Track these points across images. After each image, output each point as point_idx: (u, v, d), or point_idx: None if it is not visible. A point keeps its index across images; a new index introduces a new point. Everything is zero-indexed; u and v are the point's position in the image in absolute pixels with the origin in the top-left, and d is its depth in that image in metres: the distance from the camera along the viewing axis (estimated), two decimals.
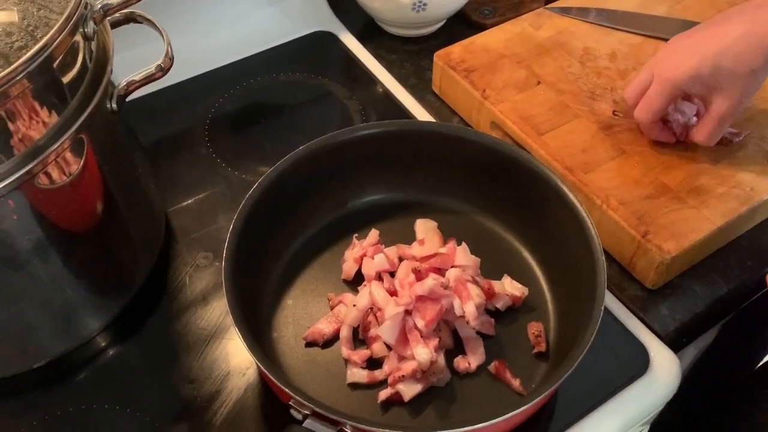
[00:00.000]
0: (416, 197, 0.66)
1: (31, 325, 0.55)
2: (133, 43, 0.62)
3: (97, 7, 0.48)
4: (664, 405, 0.63)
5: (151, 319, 0.60)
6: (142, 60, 0.56)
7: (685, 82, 0.60)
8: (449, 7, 0.83)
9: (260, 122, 0.76)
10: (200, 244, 0.65)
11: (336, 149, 0.62)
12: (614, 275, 0.64)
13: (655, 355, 0.58)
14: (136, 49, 0.62)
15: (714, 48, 0.59)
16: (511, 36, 0.79)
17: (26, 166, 0.46)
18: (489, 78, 0.74)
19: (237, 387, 0.56)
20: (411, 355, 0.54)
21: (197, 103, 0.77)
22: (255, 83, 0.80)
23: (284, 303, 0.60)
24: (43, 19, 0.43)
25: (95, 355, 0.59)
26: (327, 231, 0.65)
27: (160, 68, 0.55)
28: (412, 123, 0.72)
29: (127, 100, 0.54)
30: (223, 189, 0.69)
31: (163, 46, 0.56)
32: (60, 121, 0.47)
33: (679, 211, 0.63)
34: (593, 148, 0.68)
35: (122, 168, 0.56)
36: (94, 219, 0.55)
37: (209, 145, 0.73)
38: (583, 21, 0.81)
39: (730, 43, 0.58)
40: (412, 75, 0.82)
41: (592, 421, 0.54)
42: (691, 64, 0.59)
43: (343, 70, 0.82)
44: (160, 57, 0.55)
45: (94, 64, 0.50)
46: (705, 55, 0.59)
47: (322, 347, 0.58)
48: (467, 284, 0.56)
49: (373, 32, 0.87)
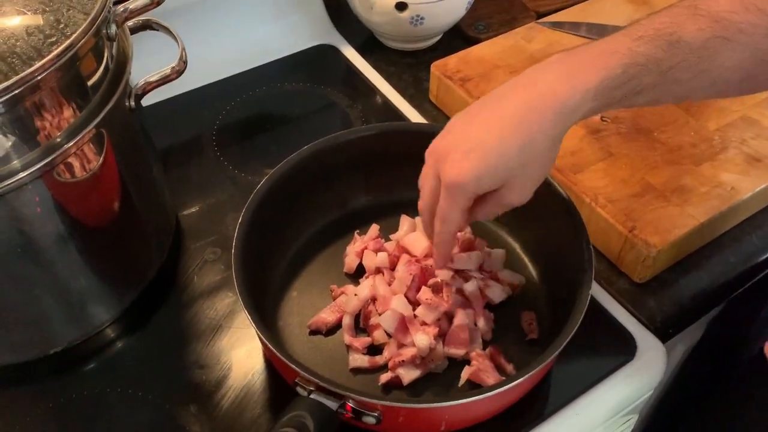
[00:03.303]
0: (415, 196, 0.69)
1: (47, 312, 0.58)
2: (149, 52, 0.65)
3: (119, 11, 0.52)
4: (656, 403, 0.66)
5: (162, 310, 0.63)
6: (157, 67, 0.60)
7: (474, 184, 0.49)
8: (445, 21, 0.87)
9: (266, 128, 0.80)
10: (209, 240, 0.68)
11: (339, 149, 0.66)
12: (603, 270, 0.67)
13: (642, 342, 0.61)
14: (151, 57, 0.66)
15: (496, 132, 0.49)
16: (504, 48, 0.83)
17: (49, 156, 0.49)
18: (484, 87, 0.78)
19: (244, 372, 0.59)
20: (411, 342, 0.57)
21: (206, 111, 0.81)
22: (261, 92, 0.84)
23: (289, 295, 0.63)
24: (72, 19, 0.46)
25: (108, 342, 0.61)
26: (329, 228, 0.68)
27: (174, 70, 0.58)
28: (412, 125, 0.76)
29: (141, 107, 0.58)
30: (230, 190, 0.73)
31: (177, 52, 0.60)
32: (82, 115, 0.51)
33: (664, 208, 0.66)
34: (582, 151, 0.71)
35: (137, 164, 0.60)
36: (110, 212, 0.58)
37: (217, 149, 0.77)
38: (574, 35, 0.85)
39: (513, 120, 0.49)
40: (410, 86, 0.86)
41: (585, 402, 0.57)
42: (474, 163, 0.49)
43: (344, 81, 0.86)
44: (174, 61, 0.59)
45: (114, 65, 0.53)
46: (487, 144, 0.49)
47: (326, 335, 0.60)
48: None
49: (373, 46, 0.92)
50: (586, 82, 0.48)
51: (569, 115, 0.49)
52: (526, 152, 0.49)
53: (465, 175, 0.49)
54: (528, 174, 0.51)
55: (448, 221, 0.53)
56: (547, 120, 0.48)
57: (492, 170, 0.49)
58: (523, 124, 0.49)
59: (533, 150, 0.49)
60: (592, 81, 0.48)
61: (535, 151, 0.49)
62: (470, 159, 0.49)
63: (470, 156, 0.49)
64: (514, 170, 0.49)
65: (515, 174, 0.50)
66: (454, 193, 0.50)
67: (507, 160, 0.49)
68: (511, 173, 0.50)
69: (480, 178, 0.49)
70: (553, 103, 0.48)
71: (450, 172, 0.50)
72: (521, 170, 0.50)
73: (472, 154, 0.49)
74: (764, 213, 0.72)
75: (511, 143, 0.48)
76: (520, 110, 0.49)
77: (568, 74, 0.49)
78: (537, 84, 0.50)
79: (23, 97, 0.45)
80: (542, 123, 0.48)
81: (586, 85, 0.48)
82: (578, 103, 0.48)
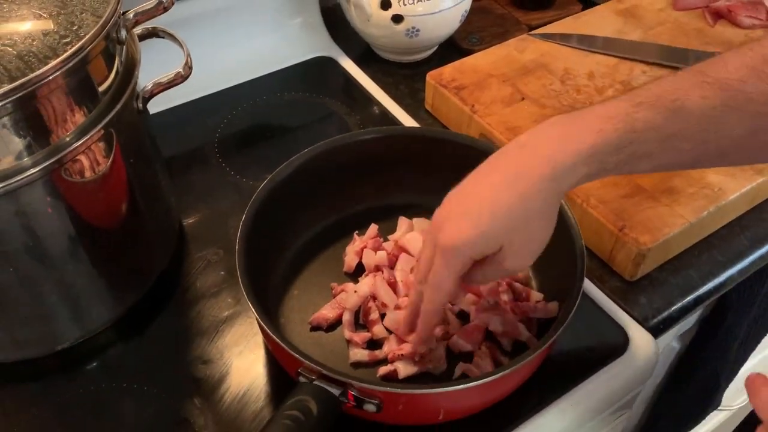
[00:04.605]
0: (413, 199, 0.71)
1: (53, 309, 0.59)
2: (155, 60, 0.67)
3: (129, 16, 0.55)
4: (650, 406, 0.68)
5: (166, 309, 0.65)
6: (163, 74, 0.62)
7: (467, 247, 0.49)
8: (440, 34, 0.90)
9: (267, 136, 0.82)
10: (211, 242, 0.70)
11: (338, 152, 0.68)
12: (595, 268, 0.69)
13: (634, 336, 0.63)
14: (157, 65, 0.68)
15: (488, 195, 0.49)
16: (497, 58, 0.86)
17: (60, 153, 0.51)
18: (478, 95, 0.81)
19: (246, 367, 0.60)
20: (412, 339, 0.59)
21: (208, 120, 0.83)
22: (261, 102, 0.86)
23: (290, 293, 0.65)
24: (85, 21, 0.49)
25: (113, 340, 0.63)
26: (329, 230, 0.70)
27: (180, 75, 0.61)
28: (409, 129, 0.78)
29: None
30: (232, 195, 0.75)
31: (181, 60, 0.62)
32: (92, 115, 0.53)
33: (654, 208, 0.68)
34: None
35: (144, 165, 0.62)
36: (117, 212, 0.60)
37: (219, 156, 0.79)
38: (564, 45, 0.88)
39: (504, 183, 0.49)
40: (406, 95, 0.89)
41: (581, 393, 0.59)
42: (467, 226, 0.49)
43: (342, 91, 0.89)
44: (179, 67, 0.61)
45: (123, 68, 0.56)
46: (480, 208, 0.49)
47: (326, 331, 0.62)
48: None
49: (370, 58, 0.94)
50: (579, 145, 0.47)
51: (561, 178, 0.48)
52: (517, 214, 0.48)
53: (458, 238, 0.49)
54: (524, 239, 0.50)
55: (440, 288, 0.51)
56: (537, 182, 0.48)
57: (485, 232, 0.49)
58: (514, 185, 0.48)
59: (526, 212, 0.49)
60: (585, 144, 0.47)
61: (529, 213, 0.49)
62: (464, 223, 0.49)
63: (464, 220, 0.49)
64: (508, 233, 0.49)
65: (511, 238, 0.49)
66: (448, 256, 0.50)
67: (499, 222, 0.48)
68: (507, 236, 0.49)
69: (473, 240, 0.49)
70: (544, 166, 0.48)
71: (444, 237, 0.50)
72: (516, 234, 0.49)
73: (465, 218, 0.49)
74: (751, 214, 0.74)
75: (502, 205, 0.48)
76: (511, 173, 0.49)
77: (560, 137, 0.48)
78: (528, 147, 0.50)
79: (37, 95, 0.46)
80: (533, 185, 0.48)
81: (578, 148, 0.47)
82: (569, 167, 0.47)
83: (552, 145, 0.48)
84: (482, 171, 0.52)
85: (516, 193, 0.48)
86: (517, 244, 0.50)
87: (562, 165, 0.47)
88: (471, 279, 0.52)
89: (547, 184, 0.48)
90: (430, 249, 0.52)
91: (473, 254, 0.50)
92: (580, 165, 0.48)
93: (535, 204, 0.49)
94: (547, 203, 0.49)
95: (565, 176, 0.48)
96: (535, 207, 0.49)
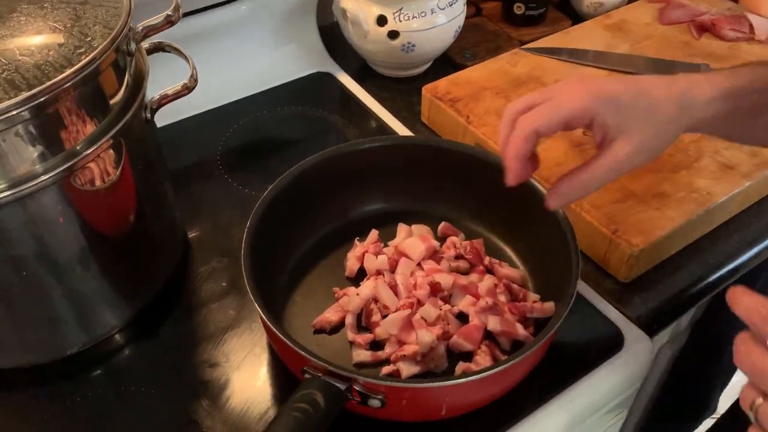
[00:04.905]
0: (412, 206, 0.73)
1: (62, 315, 0.60)
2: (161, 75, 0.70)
3: (138, 29, 0.57)
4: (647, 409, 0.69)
5: (173, 314, 0.66)
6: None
7: (601, 101, 0.53)
8: (435, 48, 0.93)
9: (268, 148, 0.84)
10: (215, 250, 0.72)
11: (338, 160, 0.70)
12: (590, 272, 0.71)
13: (629, 334, 0.65)
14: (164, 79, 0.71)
15: (637, 86, 0.54)
16: (490, 72, 0.89)
17: (71, 161, 0.52)
18: (472, 106, 0.83)
19: (252, 370, 0.62)
20: (413, 340, 0.61)
21: (210, 133, 0.85)
22: (262, 116, 0.88)
23: (293, 298, 0.67)
24: (99, 32, 0.51)
25: (121, 346, 0.64)
26: (330, 236, 0.71)
27: (186, 87, 0.63)
28: (408, 137, 0.81)
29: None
30: (235, 204, 0.76)
31: (186, 74, 0.64)
32: (103, 124, 0.54)
33: (645, 212, 0.71)
34: (566, 162, 0.76)
35: (151, 173, 0.64)
36: (125, 220, 0.62)
37: (222, 168, 0.81)
38: (555, 59, 0.91)
39: (640, 84, 0.54)
40: (403, 109, 0.91)
41: (579, 389, 0.61)
42: (613, 86, 0.54)
43: (341, 105, 0.91)
44: (186, 79, 0.64)
45: (132, 79, 0.58)
46: (628, 85, 0.54)
47: (329, 333, 0.64)
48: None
49: (367, 74, 0.97)
50: (719, 83, 0.54)
51: (697, 106, 0.54)
52: (644, 103, 0.53)
53: (602, 89, 0.53)
54: (642, 130, 0.53)
55: (538, 121, 0.53)
56: (673, 96, 0.54)
57: (622, 104, 0.53)
58: (648, 89, 0.54)
59: (653, 109, 0.53)
60: (725, 83, 0.54)
61: (655, 111, 0.53)
62: (610, 84, 0.54)
63: (611, 83, 0.54)
64: (632, 121, 0.53)
65: (631, 126, 0.53)
66: (576, 99, 0.53)
67: (636, 105, 0.53)
68: (627, 116, 0.53)
69: (611, 100, 0.53)
70: (684, 89, 0.54)
71: (580, 87, 0.54)
72: (634, 123, 0.53)
73: (612, 83, 0.54)
74: (740, 218, 0.77)
75: (644, 100, 0.53)
76: (651, 83, 0.54)
77: (705, 78, 0.55)
78: (676, 83, 0.55)
79: (53, 102, 0.48)
80: (668, 97, 0.53)
81: (719, 86, 0.54)
82: (708, 98, 0.54)
83: (696, 79, 0.55)
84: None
85: (647, 92, 0.54)
86: (634, 134, 0.53)
87: (700, 94, 0.54)
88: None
89: (681, 103, 0.54)
90: (542, 96, 0.55)
91: (593, 111, 0.53)
92: (717, 100, 0.54)
93: (663, 109, 0.54)
94: (673, 117, 0.54)
95: (700, 105, 0.54)
96: (662, 111, 0.54)
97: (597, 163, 0.54)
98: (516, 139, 0.55)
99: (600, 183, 0.55)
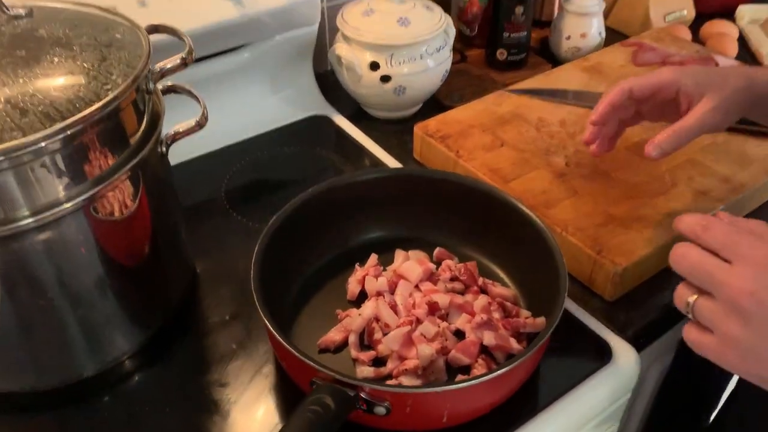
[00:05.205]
0: (408, 233, 0.78)
1: (78, 339, 0.63)
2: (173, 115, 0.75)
3: (156, 69, 0.62)
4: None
5: (183, 339, 0.69)
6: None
7: (685, 75, 0.68)
8: (425, 91, 0.99)
9: (270, 184, 0.89)
10: (222, 279, 0.75)
11: (338, 191, 0.74)
12: (578, 292, 0.75)
13: (616, 347, 0.68)
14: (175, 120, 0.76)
15: (713, 68, 0.72)
16: (477, 111, 0.95)
17: (93, 189, 0.56)
18: (461, 142, 0.89)
19: (261, 388, 0.65)
20: (414, 355, 0.64)
21: (216, 171, 0.90)
22: (263, 155, 0.94)
23: (298, 321, 0.70)
24: (123, 71, 0.56)
25: (134, 369, 0.67)
26: (332, 264, 0.75)
27: (198, 123, 0.68)
28: (403, 169, 0.85)
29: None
30: (240, 235, 0.81)
31: (196, 114, 0.69)
32: (123, 155, 0.59)
33: (626, 234, 0.75)
34: (551, 191, 0.81)
35: (165, 204, 0.68)
36: (141, 246, 0.66)
37: (227, 203, 0.86)
38: (537, 98, 0.97)
39: (725, 68, 0.71)
40: (395, 146, 0.97)
41: (571, 399, 0.64)
42: (694, 67, 0.70)
43: (337, 145, 0.97)
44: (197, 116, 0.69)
45: (150, 115, 0.63)
46: (706, 68, 0.71)
47: (334, 352, 0.67)
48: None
49: (361, 116, 1.03)
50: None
51: (759, 83, 0.67)
52: (718, 76, 0.68)
53: (672, 68, 0.69)
54: (718, 92, 0.66)
55: (638, 79, 0.70)
56: (741, 73, 0.68)
57: (690, 72, 0.69)
58: (720, 69, 0.70)
59: (725, 79, 0.67)
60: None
61: (727, 81, 0.67)
62: (676, 67, 0.70)
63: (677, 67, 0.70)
64: (707, 81, 0.67)
65: (707, 89, 0.67)
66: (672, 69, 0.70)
67: (703, 73, 0.68)
68: (705, 84, 0.67)
69: (682, 71, 0.68)
70: (749, 70, 0.69)
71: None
72: (711, 88, 0.67)
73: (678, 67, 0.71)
74: None
75: (709, 69, 0.70)
76: (724, 67, 0.71)
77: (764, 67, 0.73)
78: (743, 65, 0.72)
79: (81, 134, 0.53)
80: (737, 73, 0.68)
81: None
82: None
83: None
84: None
85: (725, 73, 0.69)
86: (716, 92, 0.67)
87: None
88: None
89: (747, 81, 0.68)
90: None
91: (673, 84, 0.69)
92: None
93: (736, 84, 0.67)
94: (742, 94, 0.68)
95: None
96: (734, 85, 0.67)
97: (686, 119, 0.67)
98: (612, 91, 0.71)
99: (690, 135, 0.68)
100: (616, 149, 0.81)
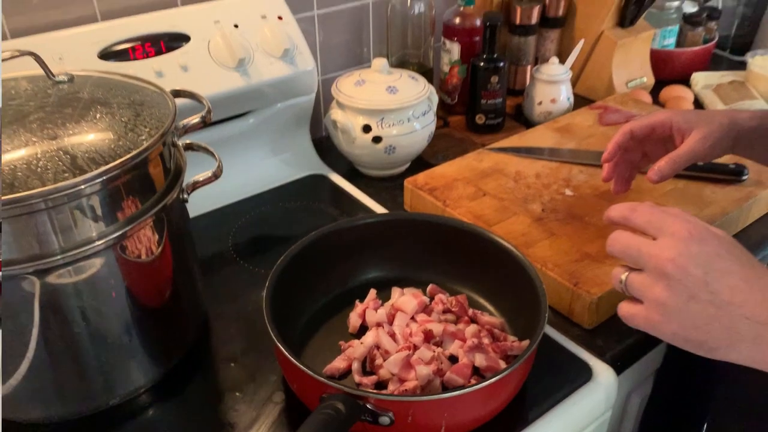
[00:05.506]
0: (403, 273, 0.85)
1: (98, 372, 0.69)
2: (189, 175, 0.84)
3: (179, 126, 0.71)
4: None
5: (198, 373, 0.75)
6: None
7: (677, 115, 0.80)
8: (412, 150, 1.09)
9: (273, 234, 0.97)
10: (232, 318, 0.82)
11: (337, 235, 0.82)
12: (559, 322, 0.83)
13: (596, 368, 0.75)
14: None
15: (700, 110, 0.87)
16: (460, 167, 1.04)
17: (123, 229, 0.64)
18: (447, 193, 0.98)
19: (271, 411, 0.70)
20: (413, 377, 0.70)
21: (222, 226, 0.98)
22: (266, 210, 1.02)
23: (303, 354, 0.76)
24: (155, 125, 0.65)
25: (149, 403, 0.72)
26: (333, 302, 0.82)
27: (214, 174, 0.76)
28: (395, 213, 0.93)
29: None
30: (247, 280, 0.88)
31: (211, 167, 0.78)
32: (151, 200, 0.67)
33: (600, 268, 0.83)
34: (530, 233, 0.90)
35: (183, 245, 0.75)
36: (162, 285, 0.72)
37: (234, 253, 0.93)
38: (514, 155, 1.07)
39: (711, 110, 0.85)
40: (387, 200, 1.06)
41: (557, 413, 0.70)
42: (684, 110, 0.87)
43: (333, 199, 1.05)
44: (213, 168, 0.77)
45: (173, 165, 0.71)
46: (695, 110, 0.87)
47: (338, 379, 0.73)
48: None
49: (354, 175, 1.12)
50: (757, 113, 0.80)
51: (741, 121, 0.79)
52: (705, 115, 0.80)
53: (665, 111, 0.83)
54: (706, 127, 0.78)
55: (636, 120, 0.83)
56: (725, 113, 0.80)
57: (681, 112, 0.81)
58: (706, 110, 0.84)
59: (711, 117, 0.79)
60: (760, 113, 0.81)
61: (712, 118, 0.79)
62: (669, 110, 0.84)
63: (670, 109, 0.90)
64: (696, 119, 0.79)
65: (697, 124, 0.79)
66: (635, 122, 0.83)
67: (693, 113, 0.81)
68: (694, 121, 0.79)
69: (674, 112, 0.81)
70: (732, 111, 0.80)
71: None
72: (700, 123, 0.78)
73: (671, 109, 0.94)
74: None
75: (697, 111, 0.83)
76: (710, 110, 0.90)
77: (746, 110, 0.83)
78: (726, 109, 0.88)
79: (115, 180, 0.61)
80: (721, 113, 0.80)
81: (755, 113, 0.80)
82: (749, 116, 0.79)
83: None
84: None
85: (710, 113, 0.82)
86: (705, 128, 0.78)
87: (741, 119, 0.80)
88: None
89: (730, 121, 0.79)
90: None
91: (666, 122, 0.81)
92: (756, 118, 0.79)
93: (721, 121, 0.79)
94: (726, 129, 0.79)
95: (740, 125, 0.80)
96: (719, 121, 0.79)
97: (680, 148, 0.79)
98: (617, 133, 0.83)
99: (683, 160, 0.78)
100: (587, 196, 0.90)
